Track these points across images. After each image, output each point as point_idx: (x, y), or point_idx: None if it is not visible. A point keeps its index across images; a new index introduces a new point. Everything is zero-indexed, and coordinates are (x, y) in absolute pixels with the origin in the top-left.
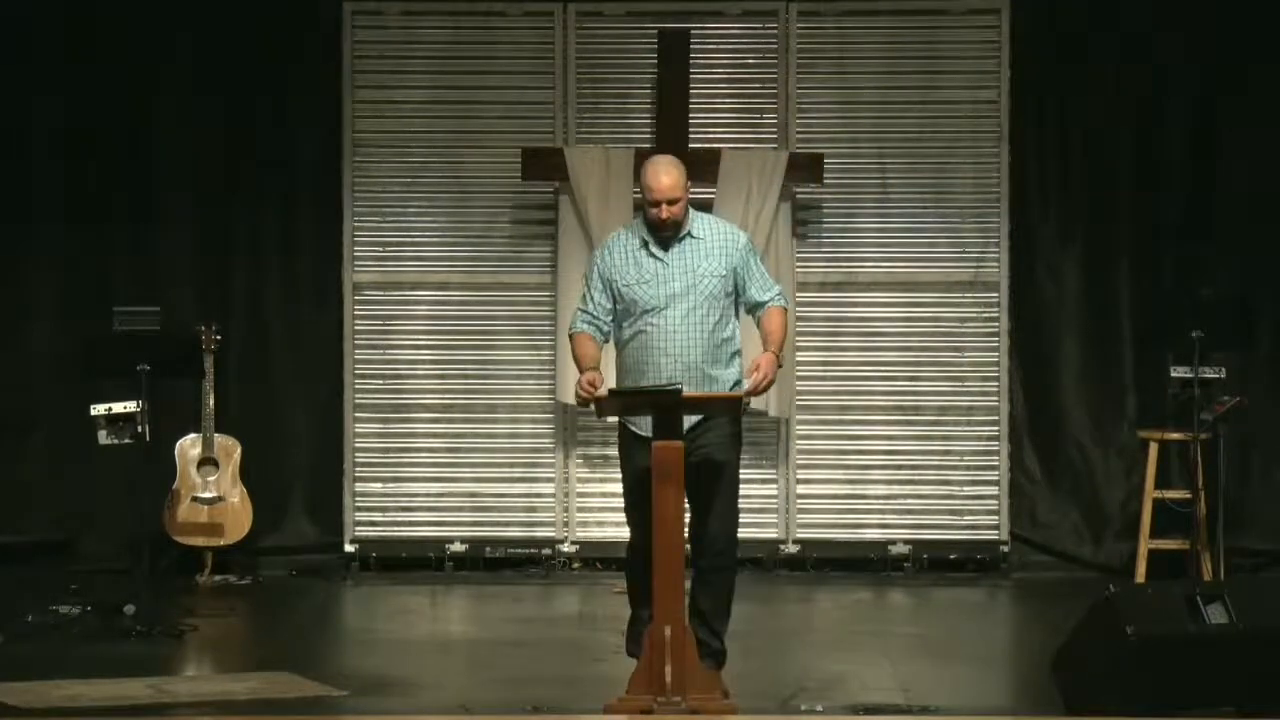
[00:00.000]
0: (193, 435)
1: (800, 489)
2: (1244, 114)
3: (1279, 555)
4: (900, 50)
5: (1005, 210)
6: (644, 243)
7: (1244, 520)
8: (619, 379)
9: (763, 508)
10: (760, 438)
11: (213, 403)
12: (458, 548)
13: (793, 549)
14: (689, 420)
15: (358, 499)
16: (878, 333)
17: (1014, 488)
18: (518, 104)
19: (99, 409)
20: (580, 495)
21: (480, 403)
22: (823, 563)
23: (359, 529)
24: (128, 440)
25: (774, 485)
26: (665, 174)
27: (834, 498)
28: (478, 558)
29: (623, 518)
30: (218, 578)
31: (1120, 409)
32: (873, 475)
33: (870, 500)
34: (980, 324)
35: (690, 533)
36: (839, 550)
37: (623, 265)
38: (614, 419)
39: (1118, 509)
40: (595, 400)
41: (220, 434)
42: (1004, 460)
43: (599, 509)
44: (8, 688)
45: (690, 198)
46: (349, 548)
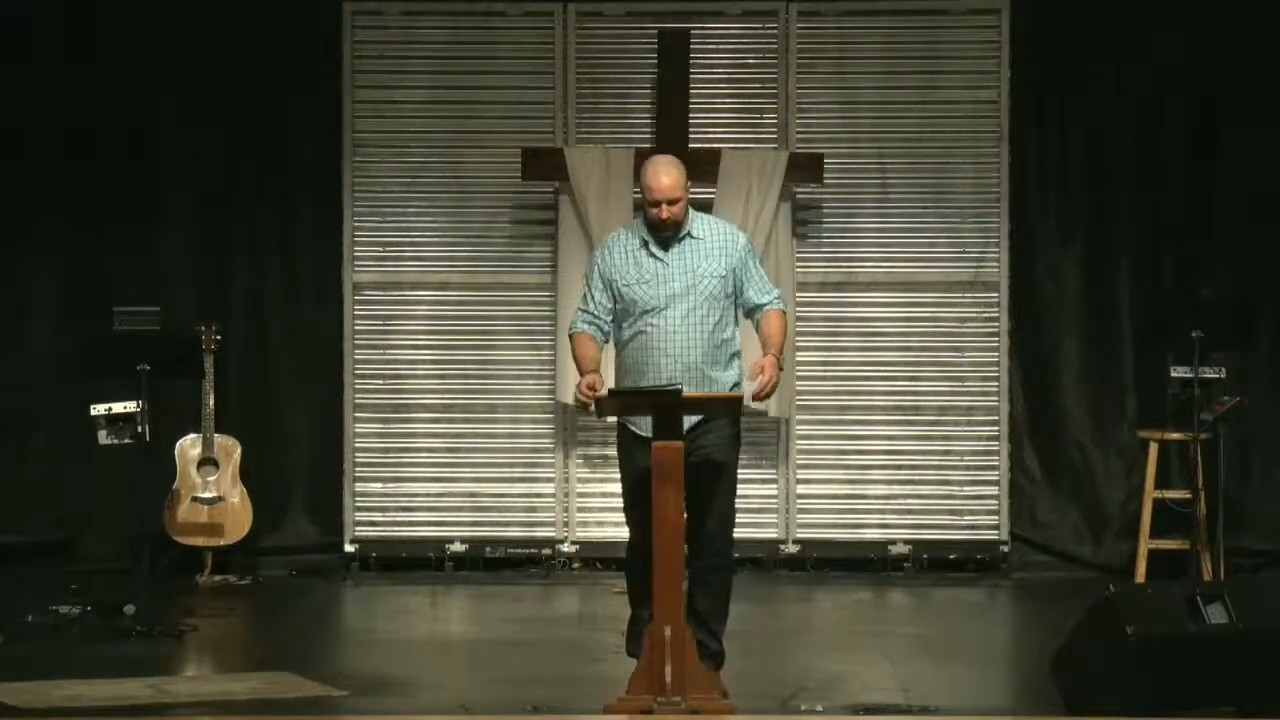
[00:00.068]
0: (193, 435)
1: (800, 489)
2: (1244, 114)
3: (1279, 555)
4: (900, 50)
5: (1005, 210)
6: (644, 243)
7: (1244, 520)
8: (618, 379)
9: (762, 508)
10: (760, 438)
11: (213, 403)
12: (458, 548)
13: (793, 549)
14: (689, 421)
15: (358, 499)
16: (878, 333)
17: (1014, 488)
18: (518, 104)
19: (99, 409)
20: (580, 495)
21: (480, 403)
22: (823, 563)
23: (359, 529)
24: (128, 440)
25: (774, 485)
26: (665, 174)
27: (834, 498)
28: (478, 558)
29: (622, 518)
30: (218, 578)
31: (1120, 409)
32: (873, 475)
33: (870, 500)
34: (980, 324)
35: (687, 534)
36: (839, 550)
37: (623, 265)
38: (613, 419)
39: (1118, 509)
40: (595, 401)
41: (220, 434)
42: (1004, 460)
43: (599, 509)
44: (8, 688)
45: (690, 198)
46: (349, 548)
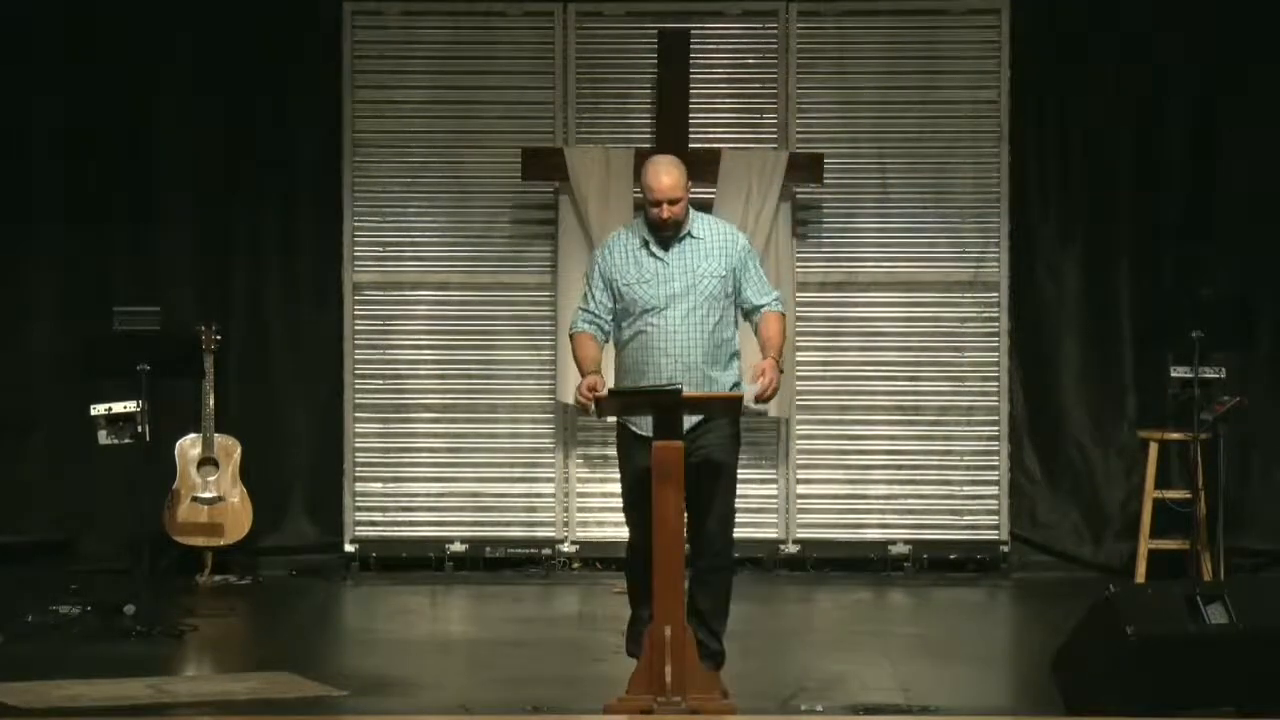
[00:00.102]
0: (193, 435)
1: (800, 489)
2: (1244, 114)
3: (1279, 555)
4: (900, 50)
5: (1005, 210)
6: (644, 242)
7: (1244, 520)
8: (618, 379)
9: (763, 508)
10: (760, 438)
11: (213, 403)
12: (458, 548)
13: (793, 549)
14: (689, 421)
15: (358, 499)
16: (878, 333)
17: (1014, 488)
18: (518, 104)
19: (99, 409)
20: (580, 495)
21: (480, 403)
22: (823, 563)
23: (359, 529)
24: (128, 440)
25: (774, 485)
26: (666, 174)
27: (834, 498)
28: (478, 558)
29: (622, 518)
30: (218, 578)
31: (1120, 409)
32: (873, 475)
33: (870, 500)
34: (980, 324)
35: (688, 534)
36: (839, 550)
37: (623, 264)
38: (613, 418)
39: (1118, 509)
40: (595, 400)
41: (220, 434)
42: (1004, 460)
43: (599, 509)
44: (8, 688)
45: (690, 198)
46: (349, 548)
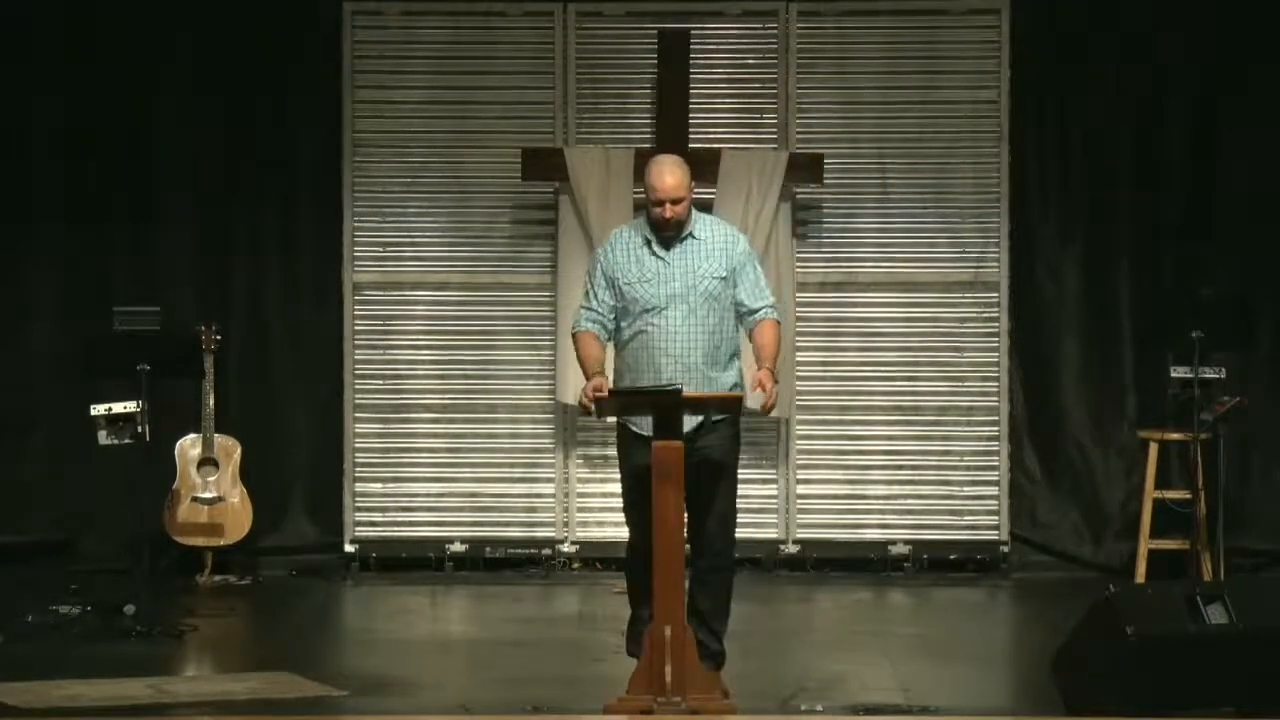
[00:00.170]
0: (193, 435)
1: (800, 489)
2: (1244, 114)
3: (1279, 555)
4: (900, 50)
5: (1005, 210)
6: (646, 241)
7: (1244, 520)
8: (618, 378)
9: (763, 508)
10: (760, 438)
11: (213, 403)
12: (458, 548)
13: (793, 549)
14: (689, 421)
15: (358, 499)
16: (878, 333)
17: (1014, 488)
18: (518, 104)
19: (99, 409)
20: (580, 495)
21: (480, 403)
22: (823, 563)
23: (359, 529)
24: (128, 440)
25: (774, 485)
26: (669, 174)
27: (834, 498)
28: (478, 558)
29: (622, 518)
30: (218, 578)
31: (1120, 409)
32: (873, 475)
33: (870, 500)
34: (980, 324)
35: (688, 534)
36: (839, 550)
37: (624, 263)
38: (613, 418)
39: (1118, 509)
40: (595, 401)
41: (220, 434)
42: (1004, 460)
43: (599, 509)
44: (8, 688)
45: (692, 198)
46: (349, 548)
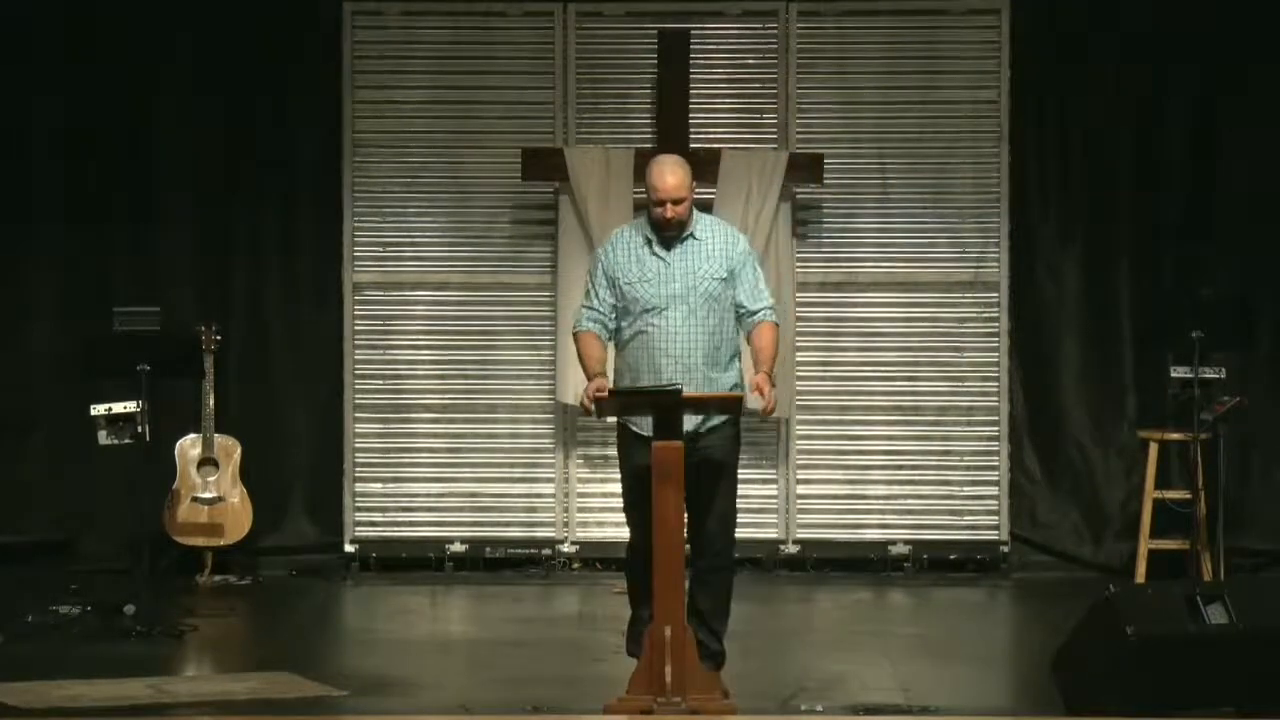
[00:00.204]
0: (193, 435)
1: (800, 489)
2: (1244, 114)
3: (1279, 555)
4: (900, 50)
5: (1005, 210)
6: (647, 241)
7: (1244, 520)
8: (618, 378)
9: (763, 508)
10: (760, 438)
11: (213, 403)
12: (458, 548)
13: (793, 549)
14: (690, 421)
15: (358, 499)
16: (877, 333)
17: (1014, 488)
18: (518, 104)
19: (99, 409)
20: (580, 495)
21: (480, 403)
22: (823, 563)
23: (359, 529)
24: (128, 440)
25: (774, 485)
26: (671, 174)
27: (834, 498)
28: (478, 558)
29: (622, 518)
30: (218, 578)
31: (1120, 409)
32: (873, 475)
33: (870, 500)
34: (980, 324)
35: (688, 534)
36: (839, 550)
37: (625, 262)
38: (613, 418)
39: (1118, 509)
40: (596, 401)
41: (220, 434)
42: (1004, 460)
43: (599, 509)
44: (8, 688)
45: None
46: (349, 548)
